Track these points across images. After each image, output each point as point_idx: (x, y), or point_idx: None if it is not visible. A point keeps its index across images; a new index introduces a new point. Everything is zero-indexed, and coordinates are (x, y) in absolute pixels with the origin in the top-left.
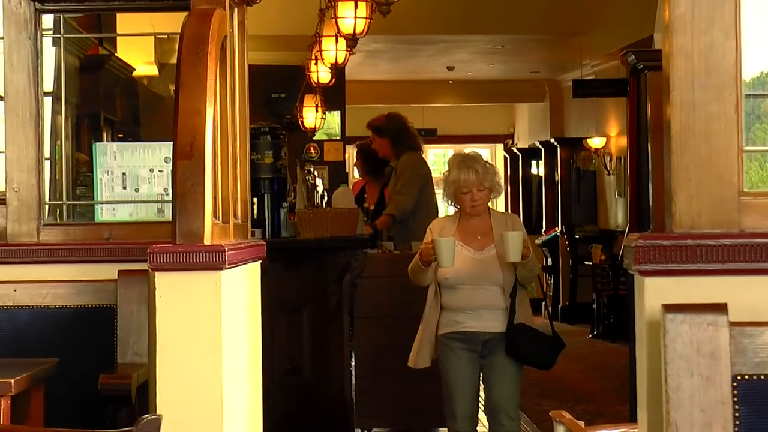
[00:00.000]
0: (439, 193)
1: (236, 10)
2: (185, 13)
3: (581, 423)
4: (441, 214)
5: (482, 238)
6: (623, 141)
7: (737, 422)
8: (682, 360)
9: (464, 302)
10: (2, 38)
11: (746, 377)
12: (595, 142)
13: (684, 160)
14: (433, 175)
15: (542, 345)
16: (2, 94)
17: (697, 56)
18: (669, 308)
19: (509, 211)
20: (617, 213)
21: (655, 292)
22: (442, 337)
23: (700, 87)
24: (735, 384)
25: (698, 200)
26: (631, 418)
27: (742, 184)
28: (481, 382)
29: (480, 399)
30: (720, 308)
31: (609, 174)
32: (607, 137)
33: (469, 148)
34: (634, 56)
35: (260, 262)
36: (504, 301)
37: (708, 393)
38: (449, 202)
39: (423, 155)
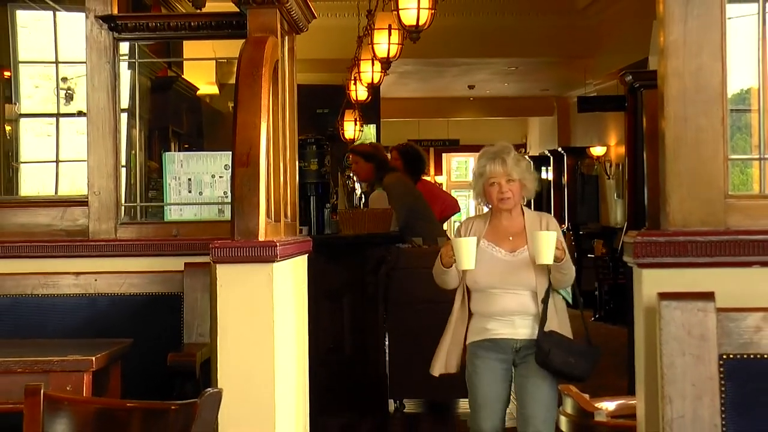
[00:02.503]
0: (462, 196)
1: (286, 37)
2: (243, 41)
3: (586, 395)
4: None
5: (514, 239)
6: (621, 150)
7: (723, 395)
8: (675, 341)
9: (494, 308)
10: (86, 63)
11: (731, 356)
12: (597, 150)
13: (677, 166)
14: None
15: (574, 355)
16: (85, 111)
17: (688, 77)
18: (664, 296)
19: None
20: (616, 212)
21: (651, 282)
22: (471, 345)
23: (690, 103)
24: (721, 362)
25: (689, 202)
26: (629, 391)
27: (727, 188)
28: (513, 395)
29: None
30: (708, 296)
31: (609, 178)
32: (608, 146)
33: None
34: (631, 76)
35: (307, 255)
36: (536, 306)
37: (698, 370)
38: (479, 200)
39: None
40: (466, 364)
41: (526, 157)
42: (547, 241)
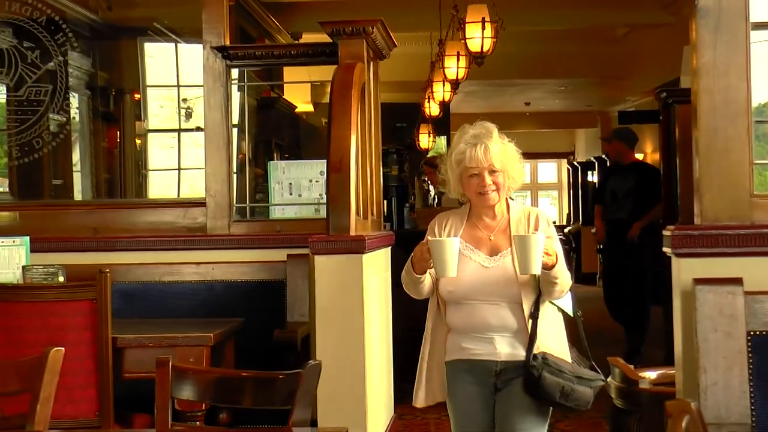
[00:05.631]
0: (520, 196)
1: (371, 63)
2: (335, 66)
3: (631, 366)
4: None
5: (496, 239)
6: (656, 156)
7: (751, 366)
8: (709, 320)
9: (470, 323)
10: (203, 86)
11: (757, 333)
12: (636, 157)
13: (708, 170)
14: None
15: (571, 382)
16: (203, 127)
17: (717, 93)
18: (698, 281)
19: (570, 213)
20: None
21: (687, 270)
22: (448, 364)
23: (720, 116)
24: (749, 338)
25: (719, 200)
26: (667, 362)
27: (752, 188)
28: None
29: None
30: (737, 281)
31: None
32: (645, 153)
33: (541, 163)
34: (665, 93)
35: (390, 247)
36: (522, 321)
37: (728, 344)
38: (455, 192)
39: None
40: (447, 387)
41: (511, 142)
42: (533, 245)
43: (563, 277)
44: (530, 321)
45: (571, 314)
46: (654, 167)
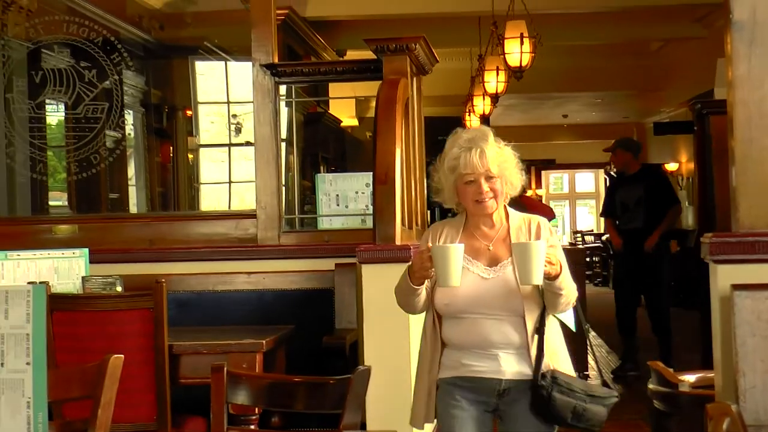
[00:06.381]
0: (559, 205)
1: (415, 79)
2: (379, 82)
3: (671, 369)
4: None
5: (495, 249)
6: (691, 165)
7: None
8: (747, 324)
9: (471, 338)
10: (252, 102)
11: None
12: (671, 166)
13: (745, 179)
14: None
15: (583, 400)
16: (253, 141)
17: (752, 105)
18: (736, 287)
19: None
20: (688, 217)
21: (725, 276)
22: (443, 382)
23: (755, 127)
24: None
25: (756, 208)
26: (703, 365)
27: None
28: None
29: None
30: None
31: (681, 189)
32: (680, 163)
33: (578, 174)
34: (700, 105)
35: None
36: (526, 336)
37: (766, 348)
38: (449, 201)
39: None
40: (437, 405)
41: (508, 146)
42: (533, 254)
43: (568, 288)
44: (536, 337)
45: (574, 329)
46: (660, 171)
